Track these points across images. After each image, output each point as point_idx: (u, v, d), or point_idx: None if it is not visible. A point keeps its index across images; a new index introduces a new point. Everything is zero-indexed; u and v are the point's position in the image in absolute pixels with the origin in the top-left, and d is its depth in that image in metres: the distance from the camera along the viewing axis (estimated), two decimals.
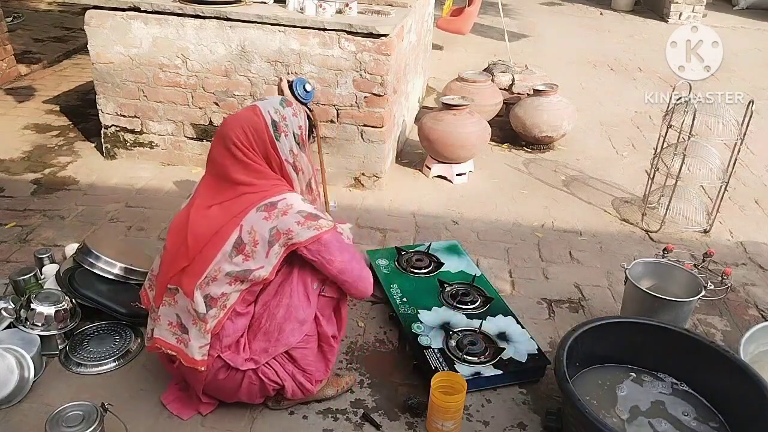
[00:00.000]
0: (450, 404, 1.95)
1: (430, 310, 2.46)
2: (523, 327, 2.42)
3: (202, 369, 1.85)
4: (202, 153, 3.72)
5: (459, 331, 2.34)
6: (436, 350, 2.23)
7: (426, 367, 2.17)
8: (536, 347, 2.30)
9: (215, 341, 1.85)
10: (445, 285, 2.62)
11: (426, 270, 2.74)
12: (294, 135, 1.91)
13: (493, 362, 2.21)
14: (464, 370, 2.16)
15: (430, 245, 2.92)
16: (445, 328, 2.35)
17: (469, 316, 2.44)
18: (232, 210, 1.82)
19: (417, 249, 2.90)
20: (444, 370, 2.12)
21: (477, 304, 2.52)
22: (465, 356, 2.21)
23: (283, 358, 1.94)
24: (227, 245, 1.79)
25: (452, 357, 2.21)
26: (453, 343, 2.27)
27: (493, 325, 2.40)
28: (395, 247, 2.91)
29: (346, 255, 1.88)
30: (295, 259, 1.88)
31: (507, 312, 2.49)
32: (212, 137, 3.61)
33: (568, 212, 3.54)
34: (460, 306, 2.50)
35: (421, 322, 2.37)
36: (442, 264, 2.78)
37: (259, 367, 1.90)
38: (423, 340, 2.27)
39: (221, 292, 1.81)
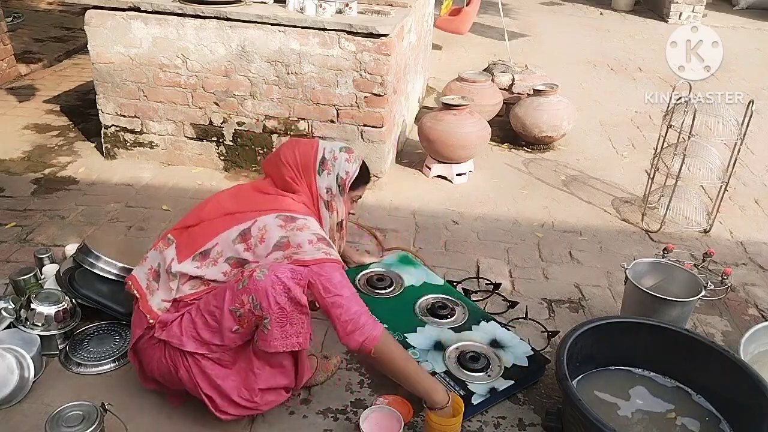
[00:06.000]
0: (446, 427, 1.89)
1: (416, 331, 2.33)
2: (509, 329, 2.41)
3: (151, 321, 1.87)
4: (201, 153, 3.72)
5: (455, 348, 2.26)
6: (442, 374, 2.13)
7: None
8: (530, 348, 2.29)
9: (176, 304, 1.88)
10: (419, 300, 2.51)
11: (390, 289, 2.59)
12: (337, 176, 2.00)
13: (501, 374, 2.16)
14: (479, 388, 2.08)
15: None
16: (440, 347, 2.26)
17: (456, 329, 2.36)
18: (258, 203, 1.91)
19: (374, 270, 2.71)
20: (456, 392, 2.04)
21: (456, 315, 2.45)
22: (476, 374, 2.14)
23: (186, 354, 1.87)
24: (234, 230, 1.85)
25: (463, 378, 2.12)
26: (454, 362, 2.19)
27: (482, 333, 2.35)
28: (349, 267, 2.69)
29: (346, 291, 1.82)
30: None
31: (488, 318, 2.45)
32: (212, 137, 3.65)
33: (568, 212, 3.54)
34: (442, 321, 2.41)
35: (414, 347, 2.24)
36: (403, 279, 2.65)
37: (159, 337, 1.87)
38: (425, 367, 2.15)
39: (214, 279, 1.85)
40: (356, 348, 1.83)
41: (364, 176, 2.11)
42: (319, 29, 3.28)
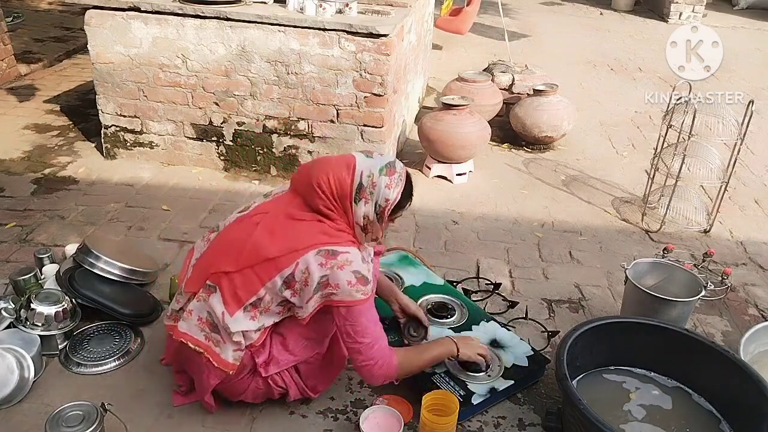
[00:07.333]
0: (441, 426, 1.89)
1: None
2: (509, 329, 2.41)
3: (231, 372, 1.85)
4: (201, 153, 3.72)
5: None
6: (442, 374, 2.13)
7: None
8: (530, 348, 2.29)
9: (249, 348, 1.88)
10: (419, 300, 2.47)
11: None
12: (376, 204, 1.83)
13: (501, 374, 2.16)
14: (479, 388, 2.09)
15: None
16: None
17: (456, 329, 2.36)
18: (296, 238, 1.80)
19: None
20: (456, 392, 2.05)
21: (456, 315, 2.45)
22: (475, 374, 2.14)
23: (291, 367, 1.97)
24: (278, 279, 1.79)
25: (463, 378, 2.12)
26: (454, 362, 2.18)
27: (482, 333, 2.34)
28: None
29: (368, 337, 1.84)
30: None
31: (488, 318, 2.45)
32: (212, 137, 3.65)
33: (568, 212, 3.54)
34: (442, 321, 2.41)
35: None
36: (403, 279, 2.63)
37: (269, 375, 1.93)
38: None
39: (272, 321, 1.88)
40: (381, 384, 1.97)
41: (406, 198, 1.91)
42: (319, 29, 3.28)
